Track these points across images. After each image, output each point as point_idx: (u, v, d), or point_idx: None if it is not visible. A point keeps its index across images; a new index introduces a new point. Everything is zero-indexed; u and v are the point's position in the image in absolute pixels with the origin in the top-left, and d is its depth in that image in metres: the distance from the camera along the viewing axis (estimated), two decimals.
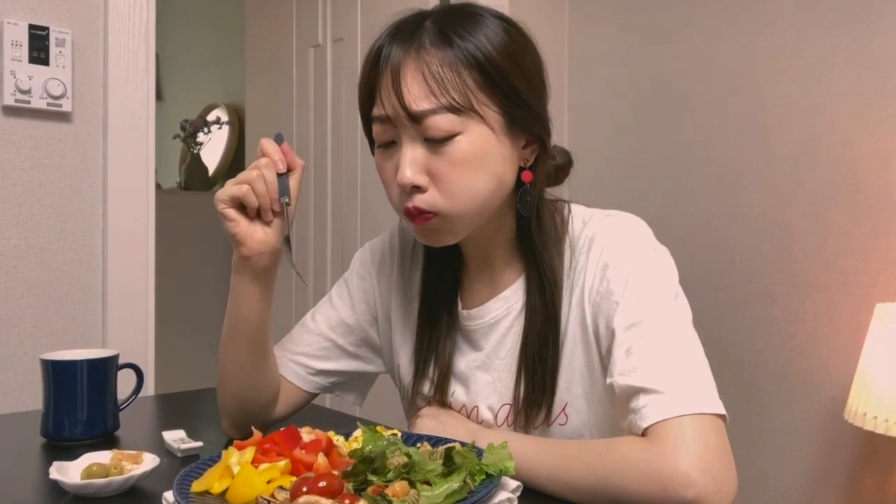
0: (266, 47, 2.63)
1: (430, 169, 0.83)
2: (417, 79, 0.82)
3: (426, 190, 0.83)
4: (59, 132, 1.47)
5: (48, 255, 1.46)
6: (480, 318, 0.94)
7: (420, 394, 0.98)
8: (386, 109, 0.84)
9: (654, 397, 0.77)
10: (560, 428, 0.89)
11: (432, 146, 0.83)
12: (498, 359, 0.93)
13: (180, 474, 0.74)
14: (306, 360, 1.04)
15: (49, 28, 1.43)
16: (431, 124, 0.81)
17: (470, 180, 0.83)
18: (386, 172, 0.87)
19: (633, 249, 0.86)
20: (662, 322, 0.82)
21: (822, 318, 1.58)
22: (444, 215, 0.84)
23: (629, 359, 0.81)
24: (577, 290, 0.89)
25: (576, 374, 0.89)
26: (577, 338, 0.89)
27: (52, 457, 0.88)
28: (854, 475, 1.53)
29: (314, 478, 0.67)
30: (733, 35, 1.73)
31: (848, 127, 1.54)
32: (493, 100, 0.84)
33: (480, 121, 0.83)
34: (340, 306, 1.06)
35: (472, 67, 0.82)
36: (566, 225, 0.92)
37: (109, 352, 1.06)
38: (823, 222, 1.57)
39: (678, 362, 0.80)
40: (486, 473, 0.71)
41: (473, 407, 0.94)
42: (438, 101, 0.81)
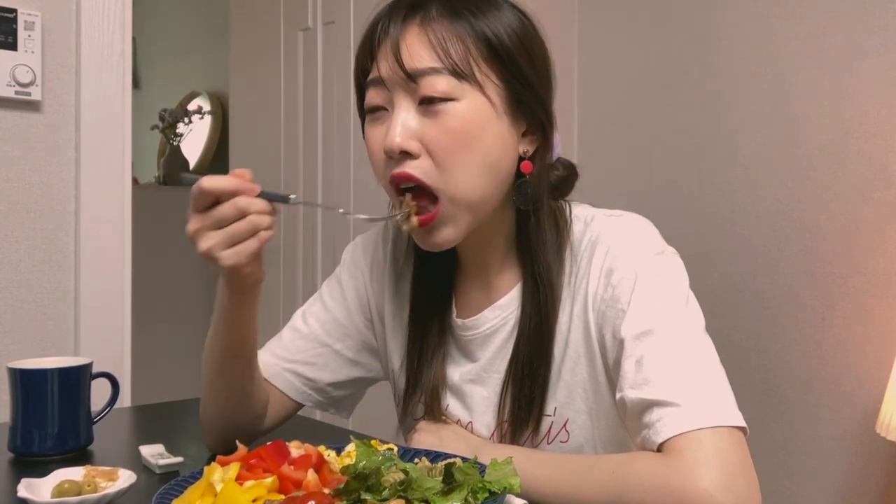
0: (251, 31, 2.63)
1: (422, 137, 0.83)
2: (420, 40, 0.83)
3: (417, 156, 0.83)
4: (28, 123, 1.47)
5: (16, 255, 1.46)
6: (475, 329, 0.94)
7: (412, 405, 0.98)
8: (381, 71, 0.85)
9: (669, 410, 0.77)
10: (561, 445, 0.89)
11: (427, 110, 0.83)
12: (495, 372, 0.93)
13: (159, 492, 0.74)
14: (300, 367, 1.03)
15: (17, 10, 1.43)
16: (428, 83, 0.82)
17: (464, 153, 0.83)
18: (373, 141, 0.87)
19: (639, 252, 0.86)
20: (674, 329, 0.82)
21: (851, 323, 1.58)
22: (444, 196, 0.83)
23: (640, 371, 0.80)
24: (579, 298, 0.88)
25: (578, 388, 0.89)
26: (581, 350, 0.89)
27: (20, 473, 0.88)
28: (887, 493, 1.53)
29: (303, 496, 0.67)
30: (755, 18, 1.73)
31: (880, 117, 1.54)
32: (496, 73, 0.84)
33: (480, 91, 0.83)
34: (333, 306, 1.05)
35: (478, 40, 0.84)
36: (567, 227, 0.91)
37: (82, 360, 1.06)
38: (853, 220, 1.57)
39: (693, 372, 0.80)
40: (490, 491, 0.71)
41: (468, 423, 0.95)
42: (439, 62, 0.82)
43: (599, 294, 0.86)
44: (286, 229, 2.46)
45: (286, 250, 2.47)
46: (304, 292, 2.42)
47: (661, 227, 1.13)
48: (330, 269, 2.36)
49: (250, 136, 2.64)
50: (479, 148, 0.84)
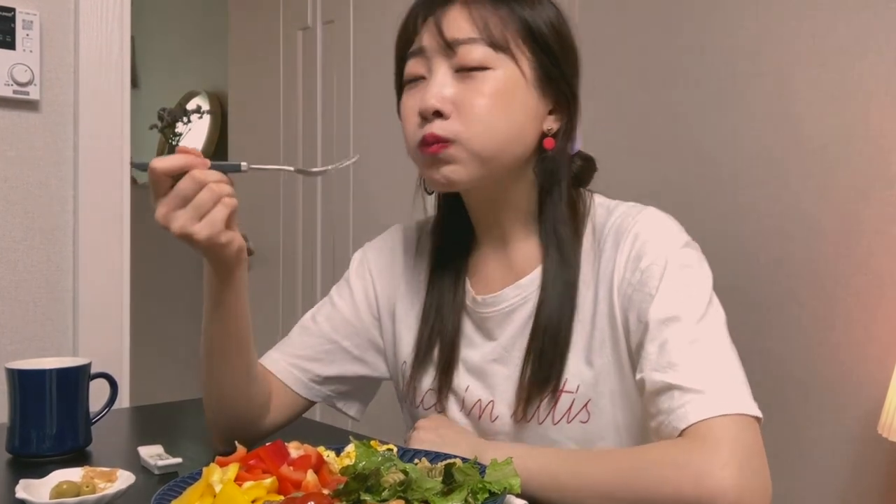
0: (251, 30, 2.63)
1: (455, 100, 0.89)
2: (462, 14, 0.91)
3: (448, 117, 0.89)
4: (26, 122, 1.47)
5: (14, 255, 1.46)
6: (495, 305, 0.97)
7: (421, 385, 1.00)
8: (423, 42, 0.92)
9: (693, 396, 0.80)
10: (581, 426, 0.91)
11: (463, 76, 0.90)
12: (516, 351, 0.95)
13: (158, 493, 0.74)
14: (307, 363, 1.05)
15: (15, 9, 1.43)
16: (466, 52, 0.89)
17: (492, 114, 0.89)
18: (406, 108, 0.94)
19: (669, 241, 0.90)
20: (700, 318, 0.85)
21: (853, 324, 1.58)
22: (460, 142, 0.89)
23: (664, 354, 0.83)
24: (603, 282, 0.92)
25: (602, 370, 0.91)
26: (606, 334, 0.91)
27: (18, 474, 0.88)
28: (889, 494, 1.53)
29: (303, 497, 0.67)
30: (757, 17, 1.73)
31: (884, 116, 1.54)
32: (530, 50, 0.92)
33: (514, 63, 0.91)
34: (342, 306, 1.08)
35: (515, 20, 0.91)
36: (588, 210, 0.97)
37: (81, 360, 1.06)
38: (856, 220, 1.57)
39: (716, 361, 0.83)
40: (490, 491, 0.71)
41: (489, 402, 0.96)
42: (480, 33, 0.90)
43: (627, 278, 0.90)
44: (285, 229, 2.47)
45: (286, 250, 2.47)
46: (303, 292, 2.42)
47: None
48: (329, 269, 2.37)
49: (249, 136, 2.65)
50: (505, 109, 0.90)
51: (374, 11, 2.16)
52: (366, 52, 2.19)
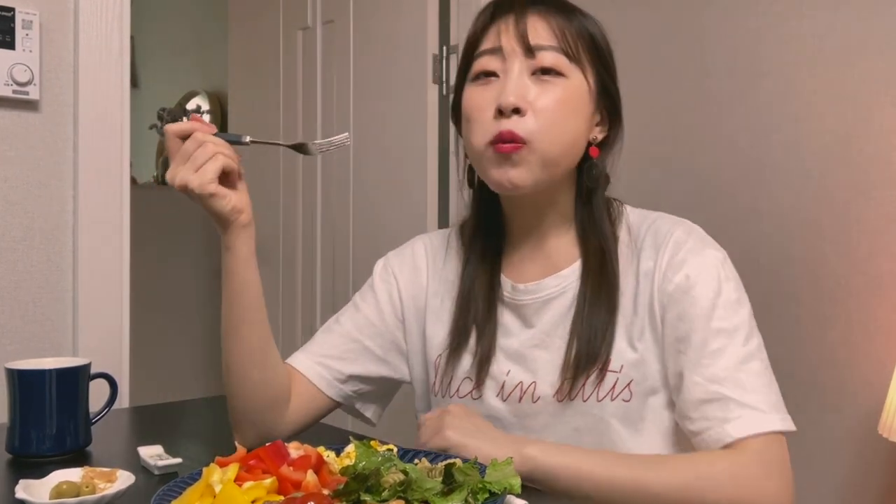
0: (250, 30, 2.63)
1: (531, 100, 0.95)
2: (542, 23, 0.98)
3: (524, 114, 0.95)
4: (26, 122, 1.47)
5: (14, 255, 1.46)
6: (535, 293, 1.02)
7: (456, 374, 1.04)
8: (501, 42, 0.98)
9: (747, 411, 0.89)
10: (624, 404, 0.96)
11: (539, 79, 0.97)
12: (558, 338, 1.00)
13: (157, 493, 0.74)
14: (331, 361, 1.08)
15: (15, 9, 1.43)
16: (545, 57, 0.97)
17: (563, 118, 0.97)
18: (479, 103, 0.98)
19: (713, 252, 0.99)
20: (749, 333, 0.94)
21: (853, 324, 1.58)
22: (532, 144, 0.94)
23: (717, 364, 0.91)
24: (645, 278, 0.98)
25: (644, 355, 0.97)
26: (646, 323, 0.97)
27: (18, 474, 0.88)
28: (890, 494, 1.53)
29: (303, 497, 0.67)
30: (758, 16, 1.73)
31: (884, 116, 1.54)
32: (593, 66, 1.01)
33: (582, 74, 0.99)
34: (366, 308, 1.12)
35: (582, 35, 1.00)
36: (620, 215, 1.05)
37: (80, 360, 1.06)
38: (856, 220, 1.57)
39: (765, 378, 0.93)
40: (490, 492, 0.71)
41: (531, 383, 1.00)
42: (558, 42, 0.97)
43: (670, 278, 0.96)
44: (285, 230, 2.47)
45: (285, 250, 2.47)
46: (302, 292, 2.42)
47: None
48: (329, 269, 2.36)
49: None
50: (573, 119, 0.98)
51: (374, 11, 2.16)
52: (366, 51, 2.19)
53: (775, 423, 0.90)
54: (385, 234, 2.14)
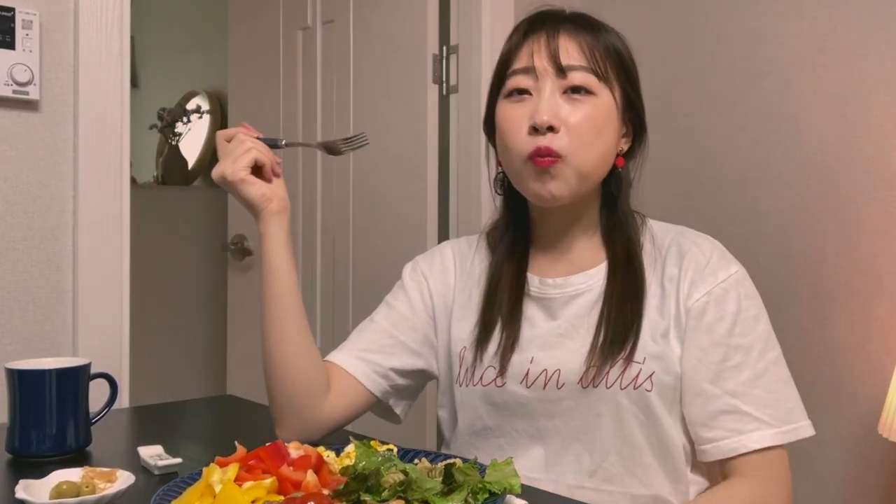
0: (250, 30, 2.63)
1: (564, 117, 1.01)
2: (572, 43, 1.04)
3: (558, 131, 1.01)
4: (26, 122, 1.47)
5: (14, 255, 1.46)
6: (563, 288, 1.08)
7: (481, 363, 1.09)
8: (534, 62, 1.04)
9: (760, 426, 0.98)
10: (646, 394, 1.01)
11: (570, 97, 1.02)
12: (583, 329, 1.05)
13: (157, 493, 0.75)
14: (370, 355, 1.12)
15: (15, 9, 1.43)
16: (576, 77, 1.02)
17: (595, 136, 1.03)
18: (514, 119, 1.04)
19: (737, 269, 1.05)
20: (770, 347, 1.03)
21: (853, 324, 1.58)
22: (567, 158, 1.01)
23: (736, 378, 0.99)
24: (670, 283, 1.04)
25: (666, 352, 1.01)
26: (670, 325, 1.02)
27: (18, 474, 0.88)
28: (890, 494, 1.53)
29: (303, 497, 0.67)
30: (758, 16, 1.73)
31: (884, 117, 1.54)
32: (619, 83, 1.06)
33: (610, 92, 1.04)
34: (398, 305, 1.17)
35: (610, 53, 1.05)
36: (644, 226, 1.10)
37: (80, 360, 1.06)
38: (856, 221, 1.58)
39: (783, 391, 1.01)
40: (490, 492, 0.71)
41: (556, 370, 1.04)
42: (588, 62, 1.03)
43: (694, 294, 1.02)
44: None
45: None
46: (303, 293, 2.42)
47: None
48: (329, 269, 2.36)
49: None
50: (604, 135, 1.04)
51: (374, 11, 2.16)
52: (366, 51, 2.19)
53: (783, 437, 0.99)
54: (385, 234, 2.14)
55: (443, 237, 2.05)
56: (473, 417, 1.10)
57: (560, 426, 1.04)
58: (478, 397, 1.09)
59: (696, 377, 1.01)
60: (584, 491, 1.01)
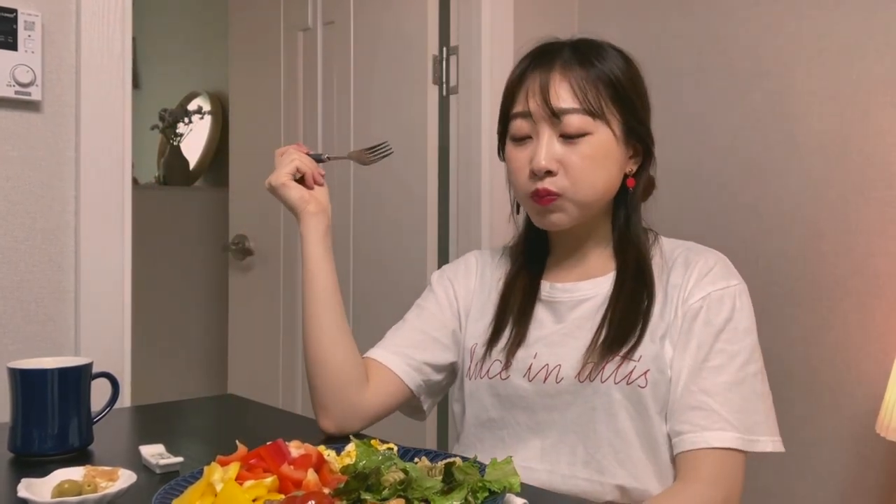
0: (251, 31, 2.63)
1: (561, 160, 1.07)
2: (564, 85, 1.07)
3: (556, 175, 1.07)
4: (28, 122, 1.47)
5: (16, 255, 1.46)
6: (571, 292, 1.14)
7: (490, 356, 1.14)
8: (530, 106, 1.08)
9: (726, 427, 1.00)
10: (639, 390, 1.04)
11: (566, 141, 1.07)
12: (586, 329, 1.10)
13: (159, 492, 0.75)
14: (407, 350, 1.18)
15: (17, 10, 1.43)
16: (569, 121, 1.06)
17: (593, 173, 1.07)
18: (518, 161, 1.11)
19: (738, 282, 1.09)
20: (746, 359, 1.04)
21: (851, 324, 1.58)
22: (568, 198, 1.07)
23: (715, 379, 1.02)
24: (674, 291, 1.08)
25: (661, 353, 1.05)
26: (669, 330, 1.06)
27: (20, 473, 0.88)
28: (888, 493, 1.53)
29: (303, 496, 0.67)
30: (758, 16, 1.73)
31: (882, 116, 1.54)
32: (618, 112, 1.09)
33: (607, 127, 1.08)
34: (429, 306, 1.24)
35: (605, 84, 1.08)
36: (655, 242, 1.15)
37: (82, 360, 1.06)
38: (854, 220, 1.58)
39: (756, 400, 1.03)
40: (490, 490, 0.71)
41: (556, 365, 1.09)
42: (579, 104, 1.06)
43: (696, 294, 1.06)
44: (286, 230, 2.47)
45: (286, 250, 2.47)
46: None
47: (663, 227, 1.16)
48: None
49: (250, 137, 2.64)
50: (602, 168, 1.08)
51: (375, 13, 2.16)
52: (366, 53, 2.19)
53: (745, 444, 1.00)
54: (385, 234, 2.14)
55: (442, 237, 2.05)
56: (479, 409, 1.15)
57: (557, 419, 1.08)
58: (484, 389, 1.14)
59: (679, 372, 1.04)
60: (577, 481, 1.06)
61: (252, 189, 2.54)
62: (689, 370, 1.04)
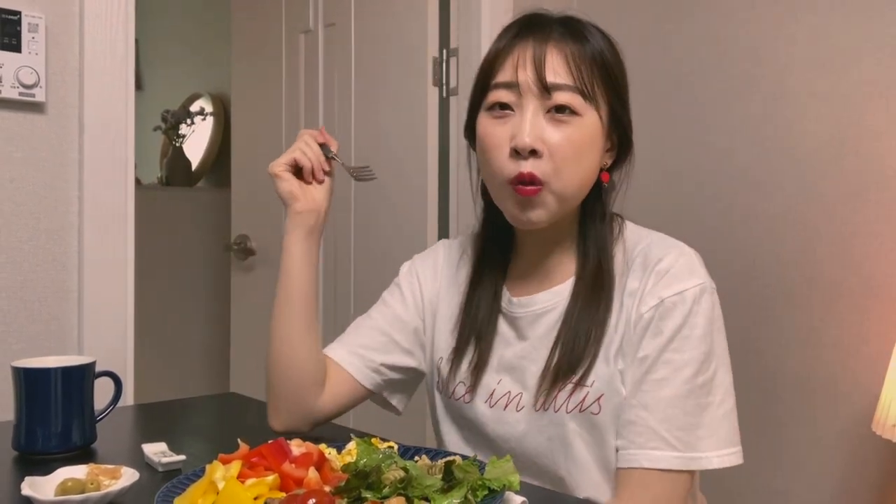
0: (253, 33, 2.63)
1: (547, 140, 0.95)
2: (560, 58, 0.97)
3: (541, 157, 0.95)
4: (32, 124, 1.47)
5: (20, 255, 1.46)
6: (528, 307, 1.05)
7: (455, 378, 1.08)
8: (518, 77, 0.97)
9: (662, 446, 0.92)
10: (592, 417, 0.98)
11: (554, 118, 0.96)
12: (544, 349, 1.02)
13: (161, 490, 0.75)
14: (364, 351, 1.13)
15: (21, 12, 1.43)
16: (561, 97, 0.96)
17: (577, 161, 0.97)
18: (495, 138, 0.98)
19: (696, 285, 0.97)
20: (697, 369, 0.94)
21: (847, 324, 1.58)
22: (550, 188, 0.96)
23: (656, 394, 0.94)
24: (629, 299, 0.99)
25: (616, 372, 0.98)
26: (623, 343, 0.98)
27: (24, 471, 0.88)
28: (884, 491, 1.53)
29: (304, 494, 0.67)
30: (754, 21, 1.73)
31: (877, 120, 1.54)
32: (606, 96, 0.99)
33: (595, 112, 0.98)
34: (394, 304, 1.17)
35: (596, 63, 0.98)
36: (620, 233, 1.05)
37: (86, 359, 1.06)
38: (850, 222, 1.58)
39: (696, 415, 0.93)
40: (489, 488, 0.71)
41: (518, 394, 1.03)
42: (574, 81, 0.96)
43: (649, 304, 0.97)
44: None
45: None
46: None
47: (660, 228, 1.15)
48: (331, 270, 2.36)
49: (252, 138, 2.65)
50: (587, 157, 0.98)
51: (375, 15, 2.16)
52: (366, 54, 2.19)
53: (684, 463, 0.92)
54: (386, 235, 2.14)
55: (443, 238, 2.05)
56: (447, 426, 1.12)
57: (515, 448, 1.02)
58: (450, 409, 1.11)
59: (627, 385, 0.97)
60: None
61: (254, 189, 2.54)
62: (631, 382, 0.96)
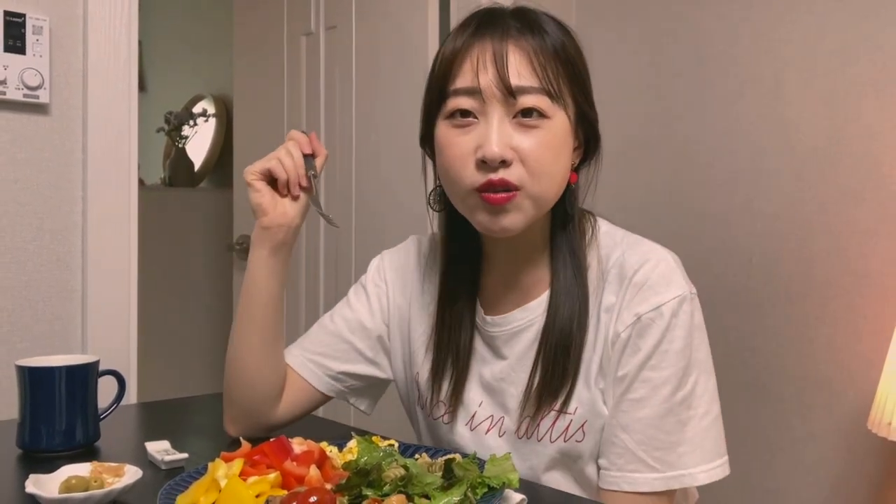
0: (255, 35, 2.63)
1: (517, 147, 0.88)
2: (523, 58, 0.89)
3: (510, 165, 0.88)
4: (36, 125, 1.47)
5: (24, 255, 1.46)
6: (502, 326, 0.99)
7: (434, 397, 1.03)
8: (480, 82, 0.88)
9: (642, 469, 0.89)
10: (576, 444, 0.94)
11: (521, 122, 0.88)
12: (522, 371, 0.97)
13: (164, 488, 0.75)
14: (323, 359, 1.08)
15: (26, 15, 1.43)
16: (528, 100, 0.88)
17: (552, 164, 0.90)
18: (459, 148, 0.90)
19: (671, 297, 0.91)
20: (676, 385, 0.90)
21: (843, 322, 1.58)
22: (525, 190, 0.88)
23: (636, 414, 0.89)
24: (605, 314, 0.93)
25: (598, 395, 0.93)
26: (604, 361, 0.93)
27: (28, 469, 0.88)
28: (880, 489, 1.53)
29: (306, 492, 0.67)
30: (751, 22, 1.73)
31: (873, 119, 1.54)
32: (572, 94, 0.92)
33: (564, 112, 0.91)
34: (359, 308, 1.11)
35: (560, 59, 0.91)
36: (594, 237, 0.98)
37: (89, 358, 1.06)
38: (846, 221, 1.58)
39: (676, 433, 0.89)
40: (489, 486, 0.71)
41: (500, 418, 0.98)
42: (540, 82, 0.88)
43: (625, 321, 0.91)
44: None
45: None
46: (306, 292, 2.42)
47: (657, 228, 1.14)
48: (332, 270, 2.36)
49: (254, 139, 2.65)
50: (560, 158, 0.91)
51: (377, 17, 2.16)
52: (368, 57, 2.19)
53: (666, 483, 0.89)
54: (386, 237, 2.14)
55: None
56: (429, 441, 1.08)
57: None
58: (431, 427, 1.06)
59: (607, 405, 0.93)
60: None
61: None
62: (613, 401, 0.92)
